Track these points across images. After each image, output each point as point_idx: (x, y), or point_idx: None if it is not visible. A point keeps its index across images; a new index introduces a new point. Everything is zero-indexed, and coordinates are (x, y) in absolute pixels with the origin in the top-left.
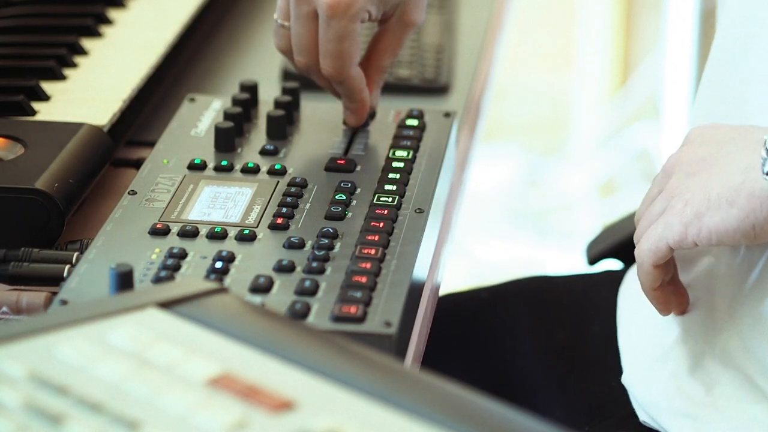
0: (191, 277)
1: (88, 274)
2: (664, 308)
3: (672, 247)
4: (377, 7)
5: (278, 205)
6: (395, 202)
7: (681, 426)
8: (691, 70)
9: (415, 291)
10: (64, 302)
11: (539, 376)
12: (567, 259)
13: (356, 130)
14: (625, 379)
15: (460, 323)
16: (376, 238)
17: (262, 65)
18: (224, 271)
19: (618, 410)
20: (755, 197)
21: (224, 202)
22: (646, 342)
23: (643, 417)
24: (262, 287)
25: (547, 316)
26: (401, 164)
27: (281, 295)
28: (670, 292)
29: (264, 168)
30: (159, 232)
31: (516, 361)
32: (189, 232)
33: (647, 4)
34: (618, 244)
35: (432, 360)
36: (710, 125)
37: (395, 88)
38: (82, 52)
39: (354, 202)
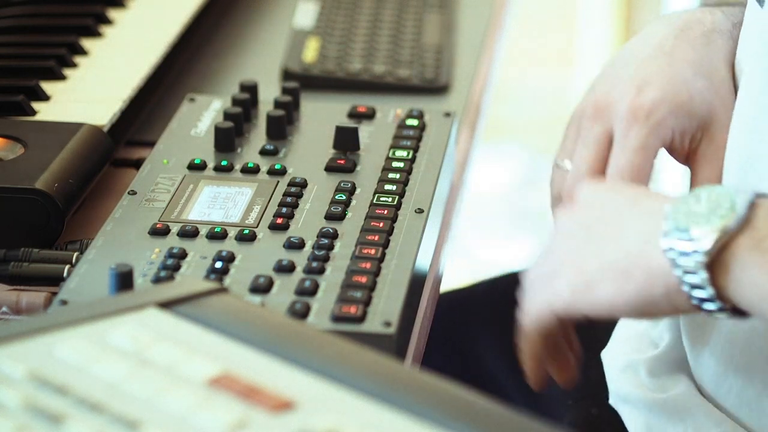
0: (191, 277)
1: (88, 274)
2: (535, 383)
3: (558, 315)
4: (681, 125)
5: (278, 205)
6: (395, 202)
7: (629, 411)
8: None
9: (415, 291)
10: (64, 302)
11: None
12: None
13: (356, 130)
14: (603, 358)
15: (456, 318)
16: (376, 238)
17: (262, 65)
18: (224, 271)
19: (597, 389)
20: (652, 273)
21: (224, 202)
22: (623, 327)
23: (611, 399)
24: (262, 287)
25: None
26: (401, 164)
27: (281, 295)
28: (554, 365)
29: (264, 168)
30: (159, 232)
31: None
32: (189, 232)
33: (647, 4)
34: None
35: (432, 358)
36: (601, 185)
37: (395, 88)
38: (82, 52)
39: (354, 202)
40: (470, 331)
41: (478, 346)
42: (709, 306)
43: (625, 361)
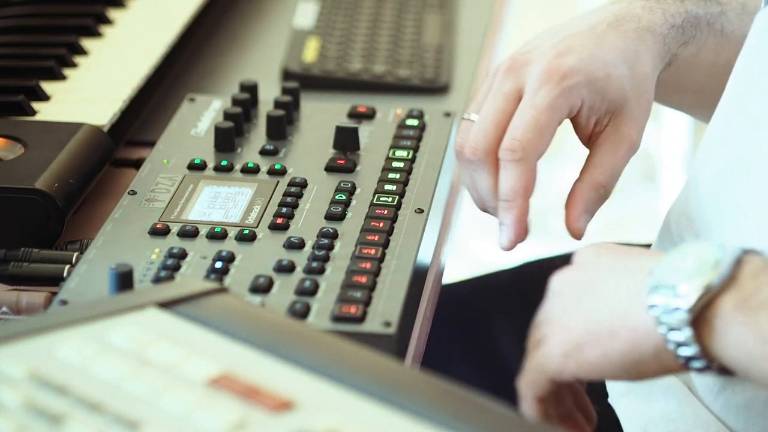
0: (191, 277)
1: (88, 274)
2: None
3: (552, 379)
4: (592, 100)
5: (278, 205)
6: (395, 202)
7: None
8: None
9: (415, 291)
10: (64, 302)
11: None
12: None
13: (356, 130)
14: None
15: (457, 313)
16: (376, 238)
17: (262, 65)
18: (224, 271)
19: (597, 388)
20: (637, 332)
21: (224, 202)
22: None
23: (610, 398)
24: (262, 287)
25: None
26: (401, 164)
27: (281, 295)
28: (566, 422)
29: (264, 168)
30: (159, 232)
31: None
32: (189, 232)
33: None
34: None
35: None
36: (600, 245)
37: (395, 88)
38: (82, 52)
39: (354, 202)
40: (487, 321)
41: (494, 336)
42: (696, 364)
43: None
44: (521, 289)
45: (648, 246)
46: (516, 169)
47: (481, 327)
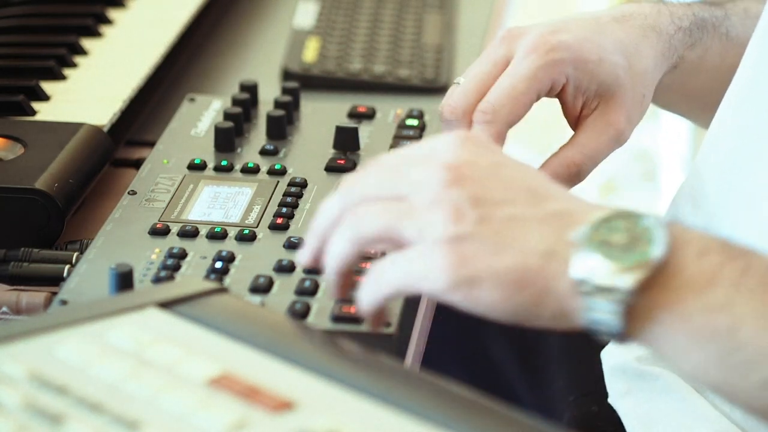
0: (191, 277)
1: (88, 274)
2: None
3: (417, 292)
4: (578, 79)
5: (278, 205)
6: None
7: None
8: None
9: None
10: (64, 302)
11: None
12: None
13: (356, 130)
14: (603, 357)
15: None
16: None
17: (262, 65)
18: (224, 271)
19: (597, 387)
20: (551, 294)
21: (224, 202)
22: None
23: (610, 398)
24: (262, 287)
25: None
26: None
27: (281, 295)
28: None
29: (264, 168)
30: (159, 232)
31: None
32: (189, 232)
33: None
34: None
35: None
36: (520, 165)
37: (395, 88)
38: (82, 52)
39: None
40: (478, 325)
41: (485, 339)
42: (605, 334)
43: (623, 360)
44: None
45: None
46: (484, 132)
47: (482, 326)
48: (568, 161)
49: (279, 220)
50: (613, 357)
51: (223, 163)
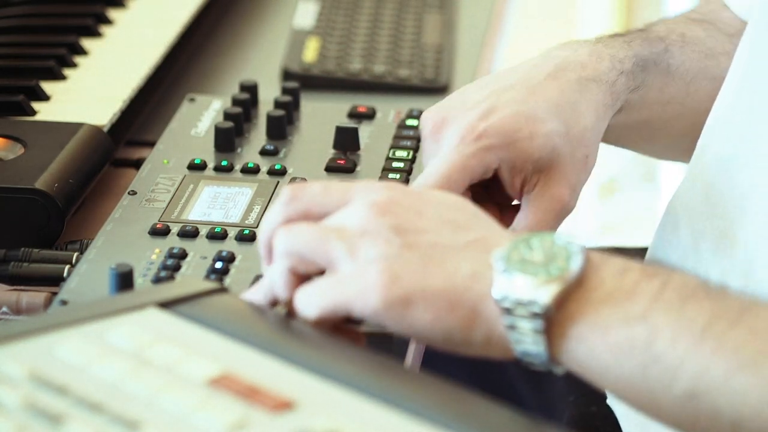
0: (191, 277)
1: (88, 274)
2: None
3: (352, 316)
4: (512, 161)
5: None
6: None
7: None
8: None
9: None
10: (64, 302)
11: None
12: None
13: (356, 130)
14: None
15: None
16: None
17: (262, 65)
18: (224, 271)
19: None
20: (477, 314)
21: (224, 202)
22: None
23: (609, 399)
24: None
25: None
26: (401, 164)
27: None
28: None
29: (264, 168)
30: (159, 232)
31: None
32: (189, 232)
33: (647, 4)
34: None
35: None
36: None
37: (395, 88)
38: (82, 52)
39: None
40: None
41: None
42: (532, 357)
43: None
44: None
45: (645, 249)
46: None
47: None
48: None
49: None
50: None
51: (223, 163)
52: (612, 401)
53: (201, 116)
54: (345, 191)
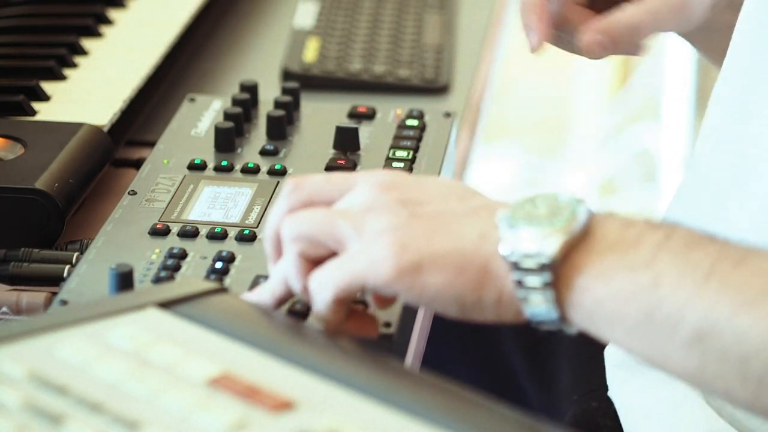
0: (191, 277)
1: (88, 274)
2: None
3: (369, 288)
4: None
5: None
6: None
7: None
8: (691, 71)
9: None
10: (64, 302)
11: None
12: None
13: (356, 130)
14: (606, 355)
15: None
16: None
17: (262, 65)
18: (224, 271)
19: (599, 384)
20: (487, 273)
21: (224, 202)
22: None
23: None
24: None
25: None
26: (401, 164)
27: None
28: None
29: (264, 168)
30: (159, 232)
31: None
32: (189, 233)
33: None
34: None
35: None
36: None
37: (395, 88)
38: (82, 52)
39: None
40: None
41: (494, 337)
42: (540, 316)
43: (623, 358)
44: None
45: None
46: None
47: (482, 326)
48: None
49: None
50: (615, 355)
51: (224, 163)
52: (612, 393)
53: (201, 116)
54: (347, 179)
